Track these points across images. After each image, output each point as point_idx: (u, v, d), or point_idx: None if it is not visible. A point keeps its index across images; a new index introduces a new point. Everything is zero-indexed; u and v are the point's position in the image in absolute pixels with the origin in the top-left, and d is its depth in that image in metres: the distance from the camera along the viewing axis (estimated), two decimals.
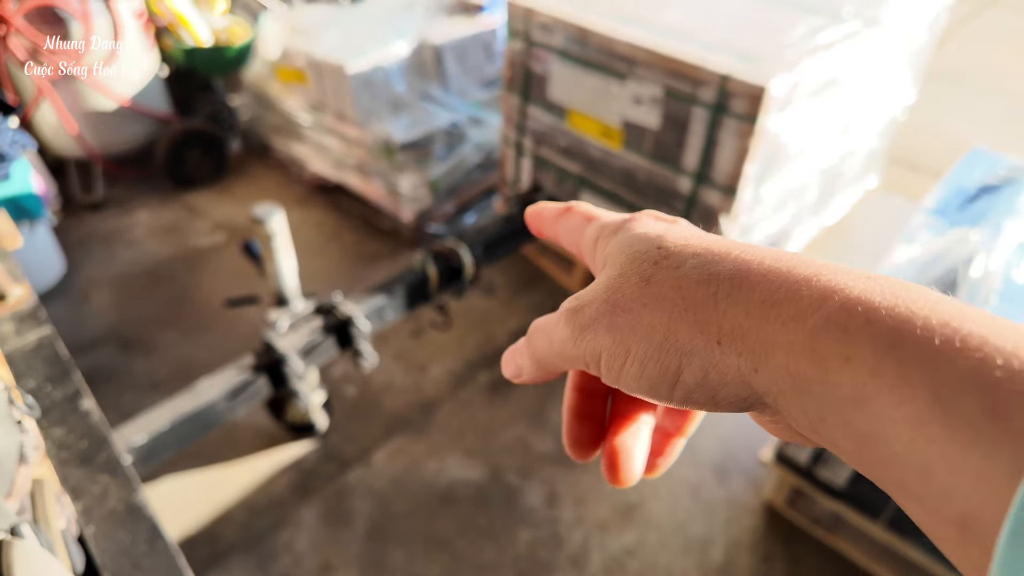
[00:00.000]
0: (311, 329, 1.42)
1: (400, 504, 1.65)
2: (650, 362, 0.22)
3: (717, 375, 0.21)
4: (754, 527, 1.60)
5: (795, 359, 0.19)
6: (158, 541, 0.61)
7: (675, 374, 0.22)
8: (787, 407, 0.20)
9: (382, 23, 2.58)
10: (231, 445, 1.78)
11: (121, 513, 0.63)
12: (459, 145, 2.52)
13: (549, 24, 1.88)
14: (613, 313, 0.23)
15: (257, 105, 2.91)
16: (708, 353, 0.21)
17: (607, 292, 0.24)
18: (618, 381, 0.23)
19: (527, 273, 2.40)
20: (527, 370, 0.29)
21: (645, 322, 0.22)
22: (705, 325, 0.21)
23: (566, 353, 0.25)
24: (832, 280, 0.20)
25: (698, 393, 0.21)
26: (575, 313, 0.24)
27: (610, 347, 0.23)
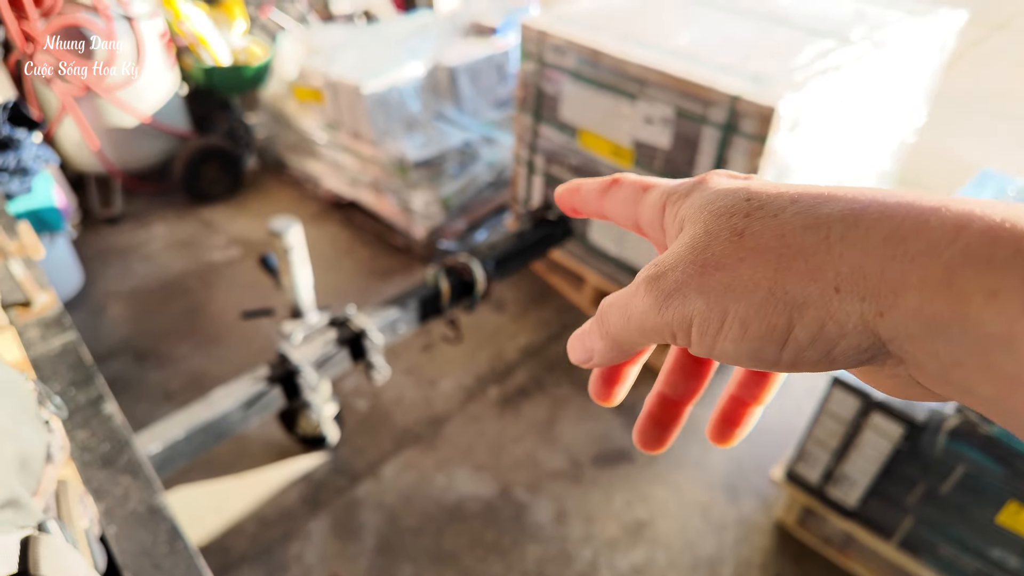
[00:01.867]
0: (325, 341, 1.44)
1: (409, 518, 1.64)
2: (754, 321, 0.20)
3: (836, 326, 0.19)
4: (764, 547, 1.58)
5: (929, 298, 0.17)
6: (178, 542, 0.62)
7: (785, 331, 0.19)
8: (916, 354, 0.18)
9: (397, 44, 2.63)
10: (242, 456, 1.79)
11: (142, 514, 0.64)
12: (471, 164, 2.55)
13: (562, 46, 1.92)
14: (703, 273, 0.21)
15: (273, 123, 2.97)
16: (825, 302, 0.19)
17: (692, 252, 0.21)
18: (713, 349, 0.21)
19: (537, 289, 2.41)
20: (599, 352, 0.26)
21: (745, 278, 0.20)
22: (819, 272, 0.19)
23: (647, 325, 0.22)
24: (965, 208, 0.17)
25: (812, 350, 0.19)
26: (657, 279, 0.22)
27: (703, 311, 0.21)
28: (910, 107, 2.27)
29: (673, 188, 0.25)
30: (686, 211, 0.23)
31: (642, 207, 0.26)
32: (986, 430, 1.20)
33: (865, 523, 1.46)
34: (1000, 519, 1.25)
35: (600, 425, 1.89)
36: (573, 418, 1.92)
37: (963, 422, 1.22)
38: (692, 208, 0.23)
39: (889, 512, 1.41)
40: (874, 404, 1.30)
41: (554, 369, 2.08)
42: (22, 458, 0.53)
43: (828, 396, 1.37)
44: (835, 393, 1.35)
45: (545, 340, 2.19)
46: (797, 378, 2.04)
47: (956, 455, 1.25)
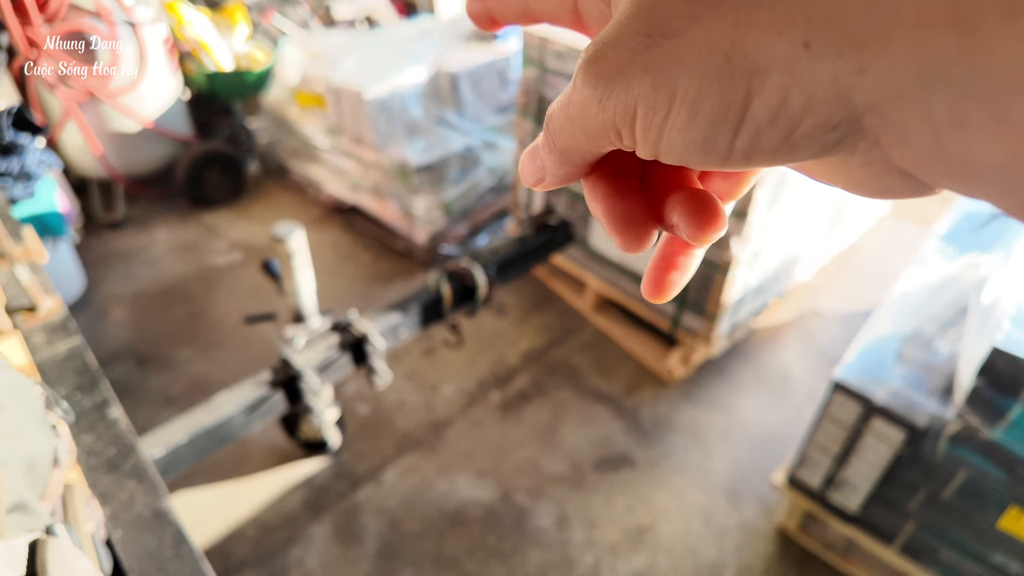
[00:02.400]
0: (327, 346, 1.44)
1: (410, 523, 1.65)
2: (706, 98, 0.16)
3: (801, 95, 0.15)
4: (766, 552, 1.58)
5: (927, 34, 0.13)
6: (183, 546, 0.63)
7: (741, 107, 0.16)
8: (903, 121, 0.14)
9: (399, 50, 2.65)
10: (244, 461, 1.79)
11: (147, 518, 0.65)
12: (473, 169, 2.56)
13: (563, 52, 1.93)
14: (650, 45, 0.16)
15: (275, 128, 2.98)
16: (791, 63, 0.15)
17: (636, 19, 0.17)
18: (659, 144, 0.17)
19: (538, 294, 2.42)
20: (550, 168, 0.21)
21: (698, 43, 0.16)
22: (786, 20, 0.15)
23: (589, 123, 0.18)
24: None
25: (771, 131, 0.16)
26: (595, 61, 0.18)
27: (648, 93, 0.17)
28: None
29: None
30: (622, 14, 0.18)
31: None
32: (987, 435, 1.21)
33: (867, 528, 1.46)
34: (1002, 524, 1.26)
35: (601, 430, 1.90)
36: (575, 423, 1.92)
37: (964, 427, 1.23)
38: None
39: (891, 517, 1.41)
40: (875, 409, 1.30)
41: (555, 373, 2.09)
42: (30, 462, 0.54)
43: (829, 401, 1.37)
44: (836, 398, 1.36)
45: (546, 345, 2.20)
46: (798, 383, 2.04)
47: (957, 460, 1.26)
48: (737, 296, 1.92)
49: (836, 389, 1.35)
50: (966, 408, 1.23)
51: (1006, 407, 1.17)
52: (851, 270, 2.49)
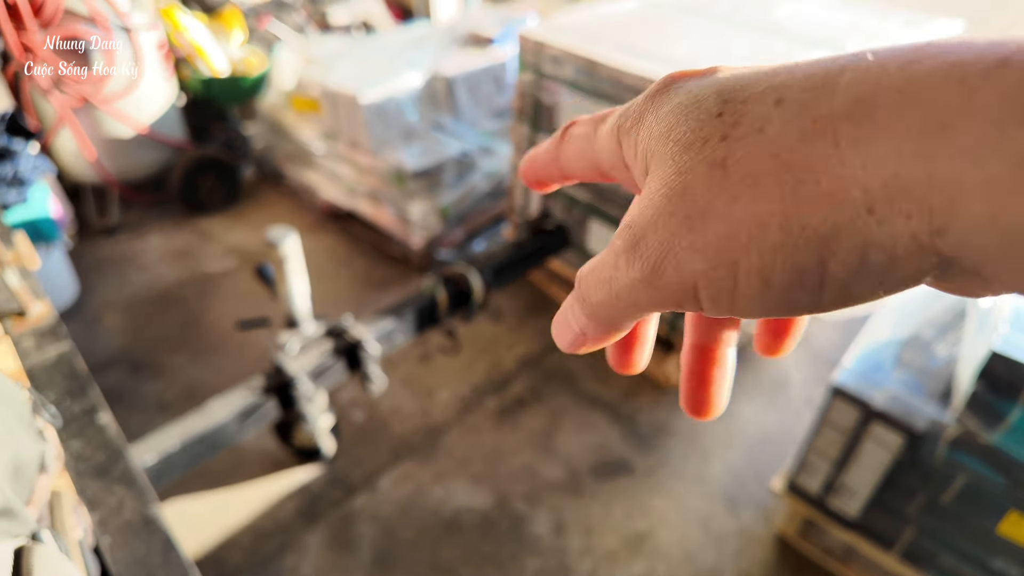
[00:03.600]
0: (321, 352, 1.44)
1: (405, 531, 1.64)
2: (775, 270, 0.16)
3: (882, 252, 0.15)
4: (765, 559, 1.58)
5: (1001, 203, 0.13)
6: (172, 553, 0.62)
7: (817, 272, 0.15)
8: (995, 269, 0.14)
9: (395, 55, 2.65)
10: (238, 468, 1.78)
11: (136, 525, 0.64)
12: (469, 174, 2.56)
13: (559, 57, 1.94)
14: (691, 227, 0.17)
15: (271, 133, 2.98)
16: (858, 226, 0.15)
17: (670, 202, 0.17)
18: (734, 308, 0.17)
19: (535, 299, 2.41)
20: (591, 333, 0.21)
21: (746, 221, 0.16)
22: (840, 193, 0.15)
23: (642, 300, 0.19)
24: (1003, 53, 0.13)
25: (859, 284, 0.15)
26: (636, 246, 0.18)
27: (706, 271, 0.17)
28: None
29: (623, 113, 0.21)
30: (646, 143, 0.19)
31: (598, 148, 0.22)
32: (986, 440, 1.21)
33: (866, 534, 1.45)
34: (1001, 529, 1.25)
35: (599, 436, 1.89)
36: (571, 429, 1.91)
37: (963, 432, 1.23)
38: (652, 139, 0.19)
39: (890, 523, 1.40)
40: (874, 414, 1.30)
41: (552, 379, 2.08)
42: (16, 467, 0.53)
43: (828, 406, 1.37)
44: (835, 403, 1.35)
45: (543, 350, 2.19)
46: (797, 388, 2.04)
47: (956, 465, 1.25)
48: None
49: (835, 394, 1.35)
50: (965, 412, 1.22)
51: (1005, 411, 1.17)
52: None
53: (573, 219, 2.17)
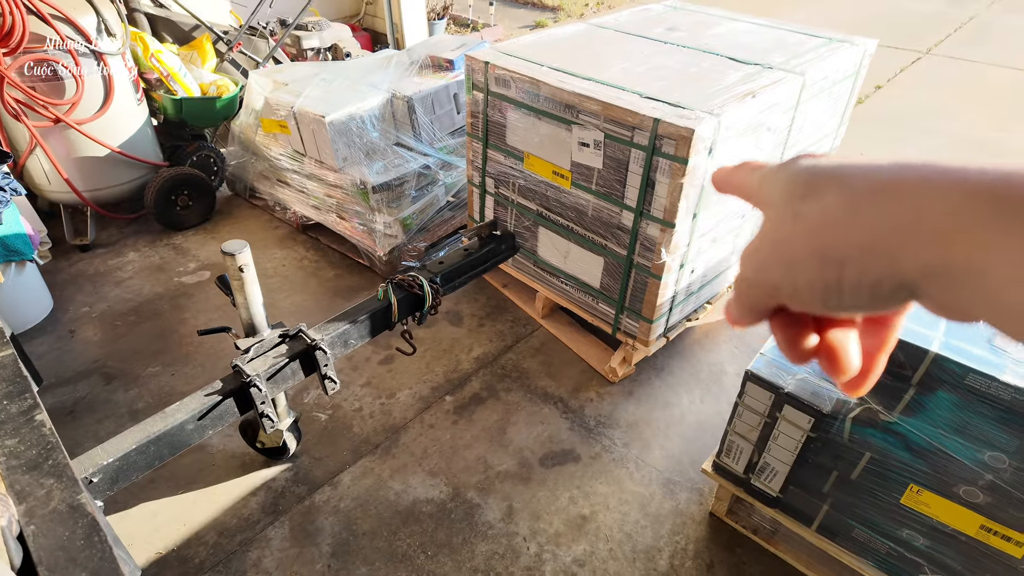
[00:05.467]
0: (276, 355, 1.45)
1: (364, 523, 1.65)
2: (817, 281, 0.26)
3: (871, 277, 0.24)
4: (698, 536, 1.62)
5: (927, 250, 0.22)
6: (95, 536, 0.64)
7: (837, 283, 0.25)
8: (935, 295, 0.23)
9: (359, 78, 2.68)
10: (205, 470, 1.78)
11: (62, 512, 0.66)
12: (430, 187, 2.59)
13: (505, 77, 1.98)
14: (776, 251, 0.28)
15: (243, 152, 2.98)
16: (859, 259, 0.24)
17: (770, 231, 0.28)
18: (797, 302, 0.27)
19: (493, 303, 2.44)
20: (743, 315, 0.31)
21: (804, 253, 0.26)
22: (852, 238, 0.24)
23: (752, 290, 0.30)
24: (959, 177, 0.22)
25: (860, 295, 0.25)
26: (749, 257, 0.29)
27: (782, 277, 0.27)
28: (831, 125, 2.37)
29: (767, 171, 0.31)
30: (770, 195, 0.29)
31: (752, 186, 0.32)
32: (886, 418, 1.26)
33: (787, 511, 1.50)
34: (904, 501, 1.30)
35: (548, 428, 1.92)
36: (524, 423, 1.94)
37: (865, 411, 1.27)
38: (774, 193, 0.29)
39: (808, 499, 1.45)
40: (785, 396, 1.35)
41: (507, 377, 2.11)
42: None
43: (744, 390, 1.41)
44: (750, 387, 1.40)
45: (500, 350, 2.22)
46: (730, 379, 2.09)
47: (862, 443, 1.30)
48: (670, 299, 1.96)
49: (749, 379, 1.39)
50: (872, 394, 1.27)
51: (901, 393, 1.22)
52: None
53: (524, 227, 2.20)
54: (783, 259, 0.27)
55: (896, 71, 4.89)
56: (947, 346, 1.15)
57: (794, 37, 2.29)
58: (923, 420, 1.20)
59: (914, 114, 4.12)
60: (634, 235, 1.85)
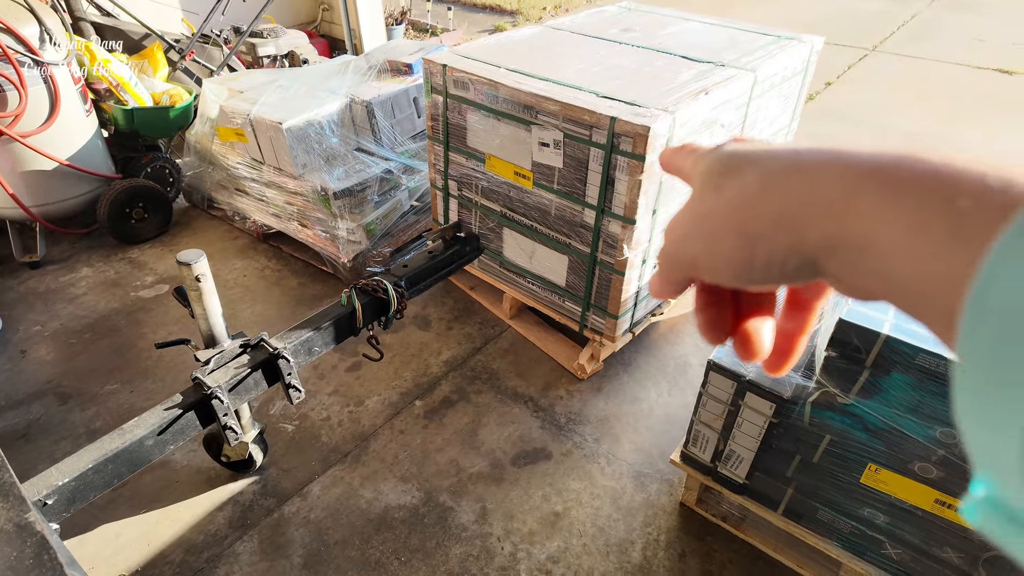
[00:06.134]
0: (238, 365, 1.42)
1: (336, 532, 1.62)
2: (732, 254, 0.26)
3: (779, 253, 0.25)
4: (670, 527, 1.64)
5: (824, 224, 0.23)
6: (44, 556, 0.62)
7: (750, 259, 0.26)
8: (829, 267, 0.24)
9: (317, 84, 2.65)
10: (169, 487, 1.73)
11: (9, 532, 0.63)
12: (393, 192, 2.58)
13: (463, 79, 1.98)
14: (698, 223, 0.28)
15: (200, 162, 2.92)
16: (769, 237, 0.25)
17: (692, 206, 0.29)
18: (713, 275, 0.28)
19: (461, 306, 2.44)
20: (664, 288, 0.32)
21: (722, 225, 0.27)
22: (764, 215, 0.25)
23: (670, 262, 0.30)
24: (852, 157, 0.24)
25: (772, 270, 0.26)
26: (671, 230, 0.30)
27: (701, 250, 0.28)
28: (783, 121, 2.43)
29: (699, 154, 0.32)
30: (698, 171, 0.30)
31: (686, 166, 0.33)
32: (843, 400, 1.29)
33: (754, 496, 1.53)
34: (863, 480, 1.34)
35: (520, 427, 1.92)
36: (495, 423, 1.94)
37: (823, 395, 1.31)
38: (699, 170, 0.30)
39: (773, 484, 1.48)
40: (746, 384, 1.38)
41: (476, 379, 2.10)
42: None
43: (707, 379, 1.44)
44: (712, 376, 1.43)
45: (469, 353, 2.21)
46: (695, 371, 2.12)
47: (821, 426, 1.34)
48: (634, 295, 1.99)
49: (712, 368, 1.42)
50: (823, 377, 1.31)
51: (856, 376, 1.26)
52: None
53: (488, 228, 2.21)
54: (703, 233, 0.28)
55: (845, 68, 5.06)
56: (897, 328, 1.19)
57: (745, 36, 2.35)
58: (878, 401, 1.24)
59: (863, 110, 4.27)
60: (596, 232, 1.87)
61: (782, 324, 0.33)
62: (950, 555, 1.31)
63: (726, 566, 1.56)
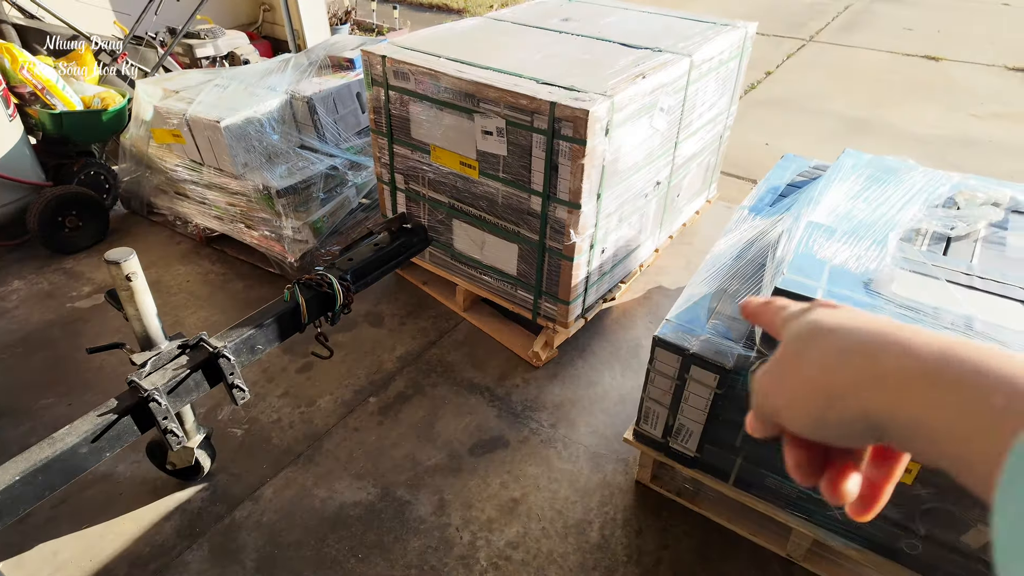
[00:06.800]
0: (177, 367, 1.37)
1: (290, 534, 1.59)
2: (811, 412, 0.31)
3: (849, 417, 0.30)
4: (626, 505, 1.66)
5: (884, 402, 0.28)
6: None
7: (825, 418, 0.31)
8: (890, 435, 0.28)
9: (255, 82, 2.59)
10: (112, 500, 1.66)
11: None
12: (340, 188, 2.54)
13: (404, 70, 1.96)
14: (781, 382, 0.34)
15: (137, 167, 2.81)
16: (842, 402, 0.30)
17: (776, 366, 0.34)
18: (795, 427, 0.33)
19: (414, 301, 2.41)
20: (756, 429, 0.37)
21: (803, 387, 0.32)
22: (839, 383, 0.30)
23: (757, 411, 0.36)
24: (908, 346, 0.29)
25: (844, 429, 0.30)
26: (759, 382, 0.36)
27: (784, 406, 0.33)
28: (723, 104, 2.49)
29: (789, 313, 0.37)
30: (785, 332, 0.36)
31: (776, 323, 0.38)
32: None
33: (705, 469, 1.56)
34: None
35: (477, 417, 1.92)
36: (451, 415, 1.93)
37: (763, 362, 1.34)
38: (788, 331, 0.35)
39: (722, 455, 1.51)
40: (691, 357, 1.40)
41: (432, 372, 2.09)
42: None
43: (653, 356, 1.46)
44: (659, 352, 1.45)
45: (423, 346, 2.20)
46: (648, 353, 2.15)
47: None
48: (584, 280, 2.01)
49: (658, 344, 1.44)
50: (763, 345, 1.35)
51: None
52: (687, 248, 2.67)
53: (438, 221, 2.19)
54: (786, 390, 0.33)
55: (783, 58, 5.21)
56: (829, 293, 1.23)
57: (681, 23, 2.40)
58: None
59: (802, 96, 4.41)
60: (544, 219, 1.88)
61: (868, 472, 0.36)
62: (891, 510, 1.36)
63: (682, 539, 1.58)
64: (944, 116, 4.07)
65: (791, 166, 2.12)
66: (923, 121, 3.99)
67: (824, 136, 3.80)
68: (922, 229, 1.52)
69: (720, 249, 1.71)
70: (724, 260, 1.66)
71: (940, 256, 1.39)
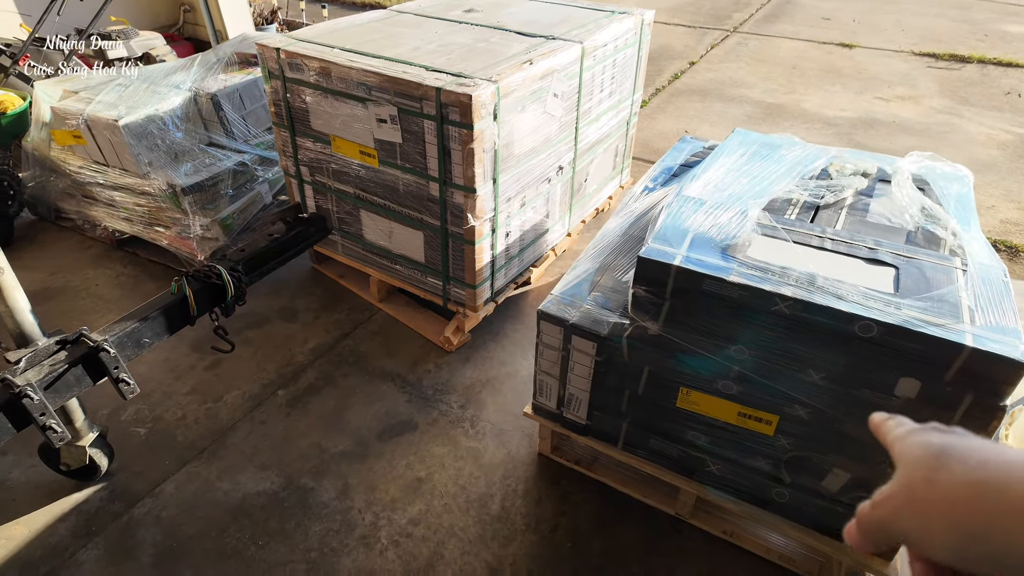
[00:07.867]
0: (54, 363, 1.36)
1: (190, 527, 1.58)
2: (948, 543, 0.32)
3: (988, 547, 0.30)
4: (528, 476, 1.71)
5: None
6: None
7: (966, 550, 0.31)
8: None
9: (159, 80, 2.55)
10: (4, 507, 1.63)
11: None
12: (250, 185, 2.52)
13: (297, 62, 1.97)
14: (910, 504, 0.34)
15: (41, 171, 2.73)
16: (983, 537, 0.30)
17: (903, 488, 0.35)
18: (925, 552, 0.33)
19: (330, 295, 2.42)
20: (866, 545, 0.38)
21: (935, 511, 0.32)
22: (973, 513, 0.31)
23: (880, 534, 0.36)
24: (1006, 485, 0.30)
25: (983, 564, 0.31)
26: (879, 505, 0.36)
27: (915, 528, 0.34)
28: (625, 89, 2.57)
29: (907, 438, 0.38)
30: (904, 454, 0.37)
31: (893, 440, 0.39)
32: (654, 331, 1.39)
33: (596, 435, 1.62)
34: (679, 404, 1.45)
35: (387, 404, 1.94)
36: (361, 404, 1.95)
37: (635, 328, 1.41)
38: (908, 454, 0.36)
39: (610, 420, 1.58)
40: (570, 327, 1.46)
41: (344, 363, 2.10)
42: None
43: (540, 329, 1.51)
44: (543, 325, 1.50)
45: (337, 338, 2.21)
46: None
47: (639, 358, 1.44)
48: (490, 264, 2.05)
49: (542, 317, 1.49)
50: (634, 312, 1.41)
51: (659, 307, 1.36)
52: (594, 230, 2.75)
53: (346, 212, 2.21)
54: (916, 515, 0.34)
55: (708, 48, 5.38)
56: (687, 260, 1.30)
57: (580, 12, 2.47)
58: (679, 328, 1.35)
59: (722, 85, 4.56)
60: (443, 205, 1.92)
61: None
62: (760, 462, 1.44)
63: (580, 505, 1.64)
64: (853, 99, 4.27)
65: (687, 148, 2.20)
66: (834, 104, 4.18)
67: (739, 122, 3.95)
68: (794, 199, 1.61)
69: (610, 227, 1.77)
70: (611, 237, 1.73)
71: (807, 223, 1.47)
